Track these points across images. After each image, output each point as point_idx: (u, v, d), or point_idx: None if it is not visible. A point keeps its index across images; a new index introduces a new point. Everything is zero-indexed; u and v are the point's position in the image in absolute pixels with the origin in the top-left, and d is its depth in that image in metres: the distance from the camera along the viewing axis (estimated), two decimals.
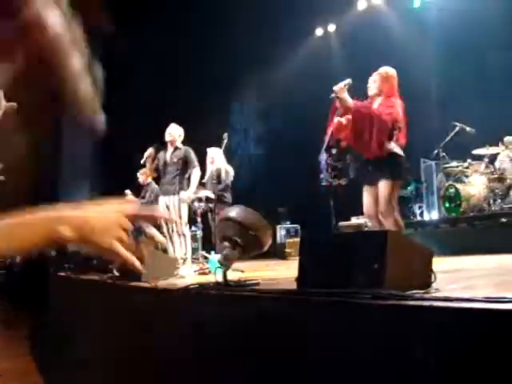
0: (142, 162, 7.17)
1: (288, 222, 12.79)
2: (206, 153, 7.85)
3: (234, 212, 3.09)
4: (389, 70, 5.04)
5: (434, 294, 2.06)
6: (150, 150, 7.12)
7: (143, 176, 9.89)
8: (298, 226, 12.46)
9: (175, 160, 6.61)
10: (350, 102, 4.82)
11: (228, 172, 7.87)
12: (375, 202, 4.87)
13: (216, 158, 7.72)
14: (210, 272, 5.47)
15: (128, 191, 10.06)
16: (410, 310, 1.82)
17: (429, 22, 11.30)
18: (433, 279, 2.30)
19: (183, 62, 13.31)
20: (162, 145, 7.03)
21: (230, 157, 7.95)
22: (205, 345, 2.87)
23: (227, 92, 13.19)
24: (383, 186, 4.73)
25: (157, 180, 7.74)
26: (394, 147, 4.84)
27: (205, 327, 2.85)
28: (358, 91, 5.09)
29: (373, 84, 5.00)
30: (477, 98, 9.67)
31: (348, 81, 5.02)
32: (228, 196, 7.81)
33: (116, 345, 4.41)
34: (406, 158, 4.94)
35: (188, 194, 6.45)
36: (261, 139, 12.62)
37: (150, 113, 12.31)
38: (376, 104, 4.97)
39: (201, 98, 13.11)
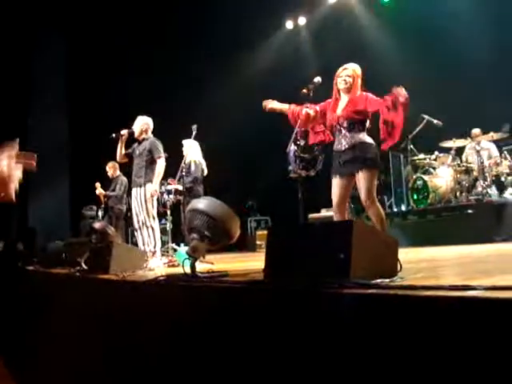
0: (113, 135, 6.76)
1: (258, 215, 12.81)
2: (181, 145, 7.77)
3: (201, 203, 3.07)
4: (359, 67, 4.99)
5: (399, 283, 2.08)
6: (126, 131, 6.74)
7: (111, 169, 9.80)
8: (268, 218, 12.49)
9: (141, 151, 6.53)
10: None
11: (198, 165, 7.78)
12: (344, 194, 4.81)
13: (191, 150, 7.64)
14: (179, 264, 5.44)
15: (98, 184, 9.95)
16: (375, 299, 1.83)
17: (398, 15, 11.37)
18: (398, 268, 2.33)
19: (156, 56, 13.19)
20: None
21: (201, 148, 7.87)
22: (173, 336, 2.85)
23: (197, 84, 13.10)
24: (363, 176, 4.63)
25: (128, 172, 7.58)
26: (366, 137, 4.81)
27: (171, 318, 2.83)
28: (329, 85, 5.04)
29: (347, 78, 4.88)
30: (444, 91, 9.77)
31: (317, 79, 4.99)
32: (198, 189, 7.71)
33: (85, 337, 4.36)
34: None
35: (153, 187, 6.34)
36: (229, 131, 12.55)
37: (122, 105, 12.15)
38: (347, 98, 4.87)
39: (171, 91, 13.01)
